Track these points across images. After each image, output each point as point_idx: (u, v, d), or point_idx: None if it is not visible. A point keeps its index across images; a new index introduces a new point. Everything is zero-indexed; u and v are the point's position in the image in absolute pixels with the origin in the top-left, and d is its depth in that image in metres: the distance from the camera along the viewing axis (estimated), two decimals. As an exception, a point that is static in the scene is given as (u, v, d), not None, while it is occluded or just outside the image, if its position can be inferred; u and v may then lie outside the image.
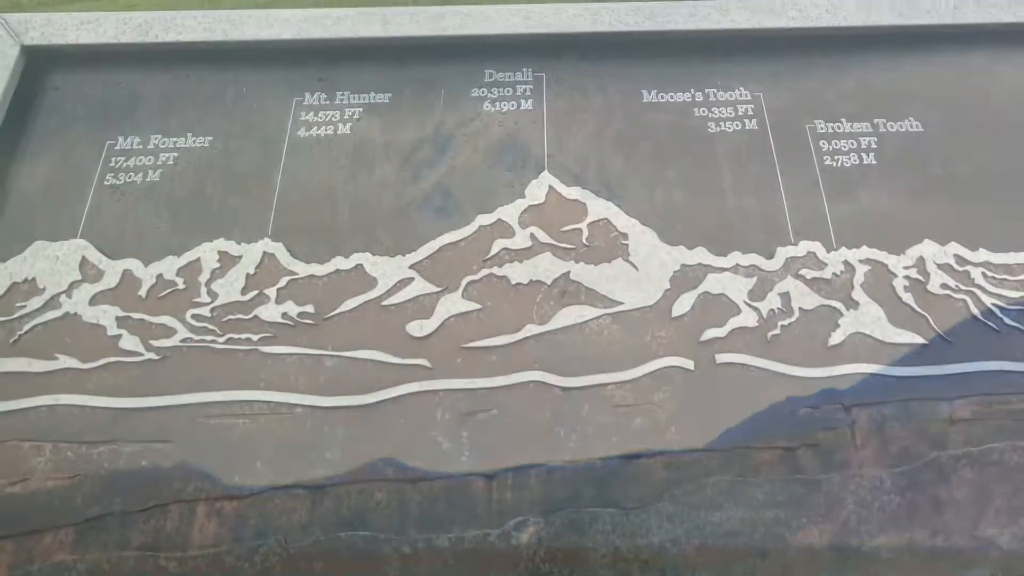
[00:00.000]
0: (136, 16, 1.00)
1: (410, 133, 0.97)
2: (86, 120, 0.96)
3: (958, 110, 1.03)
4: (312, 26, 1.01)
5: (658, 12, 1.06)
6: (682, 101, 1.02)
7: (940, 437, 0.81)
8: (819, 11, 1.09)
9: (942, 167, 0.98)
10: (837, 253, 0.91)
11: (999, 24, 1.09)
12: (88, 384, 0.79)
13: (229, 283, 0.85)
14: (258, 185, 0.92)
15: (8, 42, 0.97)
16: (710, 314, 0.87)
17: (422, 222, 0.91)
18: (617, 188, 0.95)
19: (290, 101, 0.99)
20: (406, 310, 0.85)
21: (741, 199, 0.94)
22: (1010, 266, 0.92)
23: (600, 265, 0.89)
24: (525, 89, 1.02)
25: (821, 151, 0.99)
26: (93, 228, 0.88)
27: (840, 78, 1.05)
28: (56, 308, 0.83)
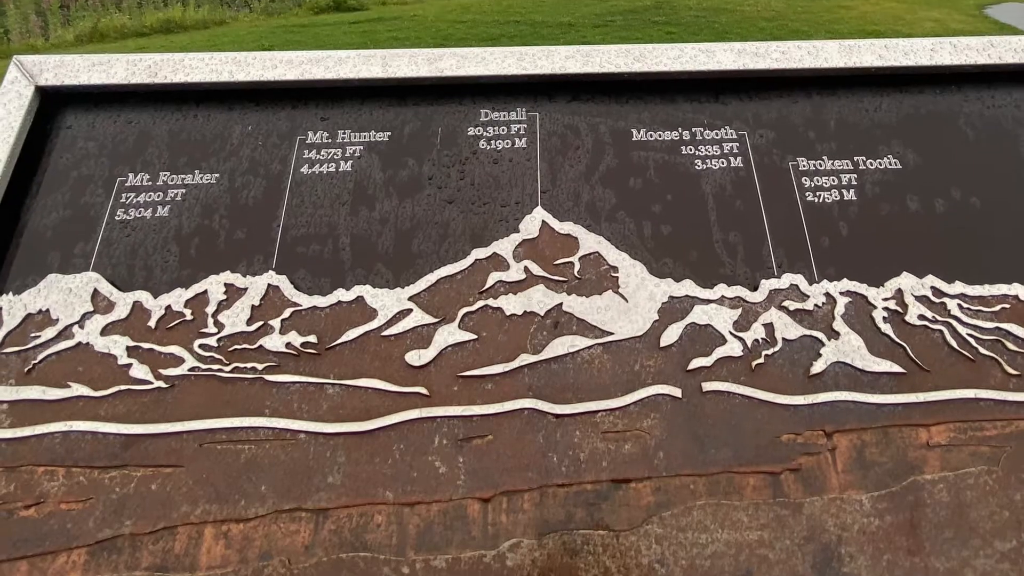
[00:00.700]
0: (145, 58, 1.13)
1: (409, 170, 1.09)
2: (98, 157, 1.07)
3: (935, 148, 1.16)
4: (315, 67, 1.14)
5: (646, 54, 1.19)
6: (670, 140, 1.14)
7: (918, 462, 0.91)
8: (802, 53, 1.22)
9: (919, 203, 1.11)
10: (819, 285, 1.03)
11: (974, 66, 1.23)
12: (100, 411, 0.88)
13: (235, 314, 0.96)
14: (263, 220, 1.03)
15: (23, 83, 1.09)
16: (697, 344, 0.98)
17: (420, 256, 1.02)
18: (608, 223, 1.06)
19: (294, 139, 1.11)
20: (405, 340, 0.96)
21: (727, 234, 1.06)
22: (985, 298, 1.04)
23: (591, 297, 1.01)
24: (519, 128, 1.14)
25: (803, 188, 1.11)
26: (104, 261, 0.99)
27: (822, 118, 1.19)
28: (69, 338, 0.93)
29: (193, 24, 9.79)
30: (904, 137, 1.17)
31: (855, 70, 1.21)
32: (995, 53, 1.24)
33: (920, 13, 10.52)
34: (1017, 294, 1.04)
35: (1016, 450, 0.92)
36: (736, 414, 0.93)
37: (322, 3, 10.52)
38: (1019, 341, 1.00)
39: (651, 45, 1.20)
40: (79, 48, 8.89)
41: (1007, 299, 1.03)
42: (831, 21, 9.56)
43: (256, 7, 11.21)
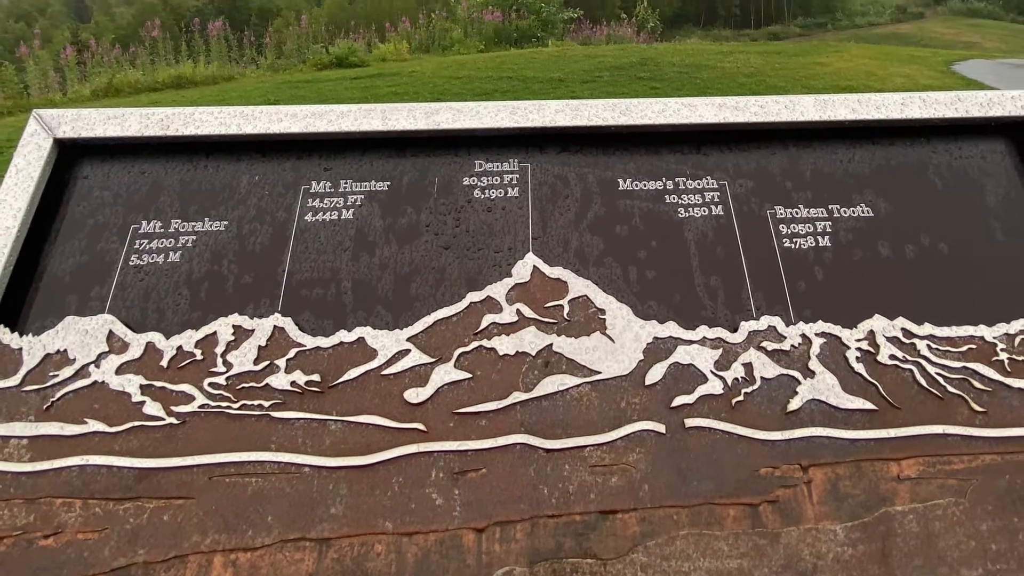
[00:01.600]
0: (158, 112, 1.30)
1: (407, 218, 1.26)
2: (113, 206, 1.24)
3: (905, 197, 1.34)
4: (318, 120, 1.32)
5: (632, 108, 1.38)
6: (654, 189, 1.32)
7: (889, 494, 1.05)
8: (779, 107, 1.41)
9: (891, 249, 1.27)
10: (795, 327, 1.19)
11: (942, 119, 1.42)
12: (115, 446, 1.02)
13: (243, 354, 1.10)
14: (269, 265, 1.19)
15: (42, 136, 1.26)
16: (680, 382, 1.13)
17: (418, 299, 1.17)
18: (596, 268, 1.23)
19: (298, 189, 1.28)
20: (404, 379, 1.10)
21: (708, 278, 1.22)
22: (952, 339, 1.19)
23: (580, 338, 1.16)
24: (512, 178, 1.31)
25: (781, 234, 1.28)
26: (119, 304, 1.14)
27: (798, 168, 1.36)
28: (86, 377, 1.07)
29: (203, 80, 10.82)
30: (876, 187, 1.35)
31: (830, 123, 1.40)
32: (962, 107, 1.43)
33: (891, 69, 11.70)
34: (983, 335, 1.19)
35: (982, 483, 1.07)
36: (717, 449, 1.07)
37: (325, 60, 11.75)
38: (985, 380, 1.15)
39: (636, 100, 1.39)
40: (95, 102, 9.72)
41: (973, 340, 1.19)
42: (807, 77, 10.60)
43: (262, 64, 12.63)
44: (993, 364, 1.17)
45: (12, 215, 1.17)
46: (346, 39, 13.75)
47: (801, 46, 15.16)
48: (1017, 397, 1.14)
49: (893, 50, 15.70)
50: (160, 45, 11.75)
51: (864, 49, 14.60)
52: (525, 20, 16.24)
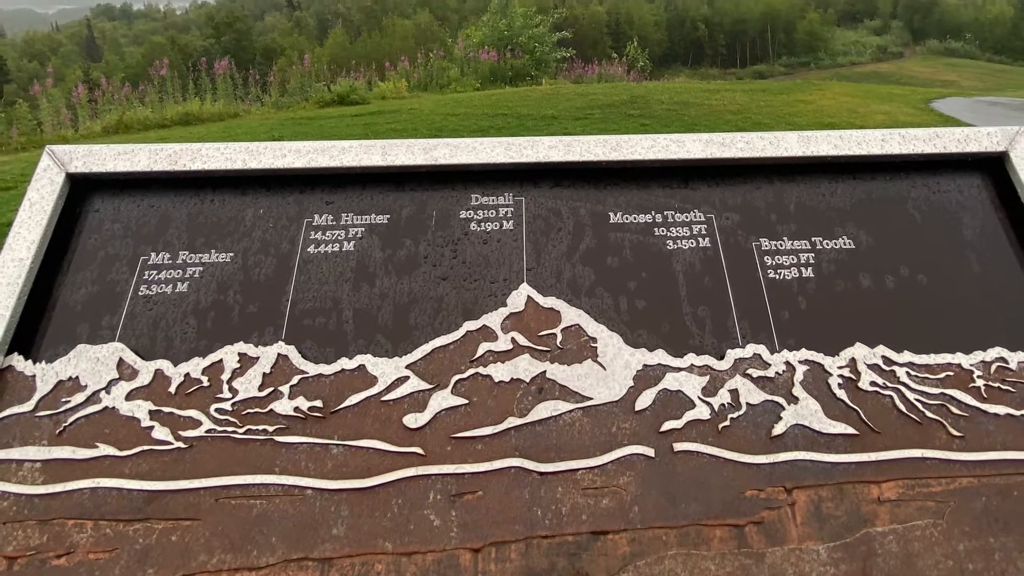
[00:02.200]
0: (166, 147, 1.40)
1: (406, 250, 1.35)
2: (123, 238, 1.33)
3: (885, 230, 1.44)
4: (320, 156, 1.42)
5: (622, 144, 1.49)
6: (644, 222, 1.42)
7: (870, 515, 1.14)
8: (764, 143, 1.52)
9: (871, 279, 1.38)
10: (779, 355, 1.28)
11: (920, 154, 1.53)
12: (125, 469, 1.10)
13: (248, 381, 1.19)
14: (273, 295, 1.28)
15: (55, 171, 1.36)
16: (668, 408, 1.21)
17: (417, 328, 1.27)
18: (587, 298, 1.32)
19: (301, 222, 1.37)
20: (403, 405, 1.19)
21: (696, 308, 1.32)
22: (930, 366, 1.29)
23: (572, 365, 1.25)
24: (507, 211, 1.42)
25: (766, 266, 1.38)
26: (129, 333, 1.22)
27: (782, 202, 1.47)
28: (96, 403, 1.16)
29: (210, 117, 11.59)
30: (857, 219, 1.45)
31: (813, 159, 1.51)
32: (940, 143, 1.54)
33: (872, 106, 12.53)
34: (960, 363, 1.29)
35: (959, 505, 1.15)
36: (704, 472, 1.16)
37: (327, 98, 12.59)
38: (962, 405, 1.25)
39: (626, 136, 1.50)
40: (106, 138, 10.30)
41: (951, 367, 1.29)
42: (791, 114, 11.32)
43: (267, 101, 13.50)
44: (970, 391, 1.26)
45: (26, 247, 1.26)
46: (347, 78, 14.78)
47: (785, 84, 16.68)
48: (993, 422, 1.23)
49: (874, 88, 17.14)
50: (168, 83, 12.56)
51: (846, 87, 16.01)
52: (519, 59, 17.55)
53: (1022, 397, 1.26)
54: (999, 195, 1.50)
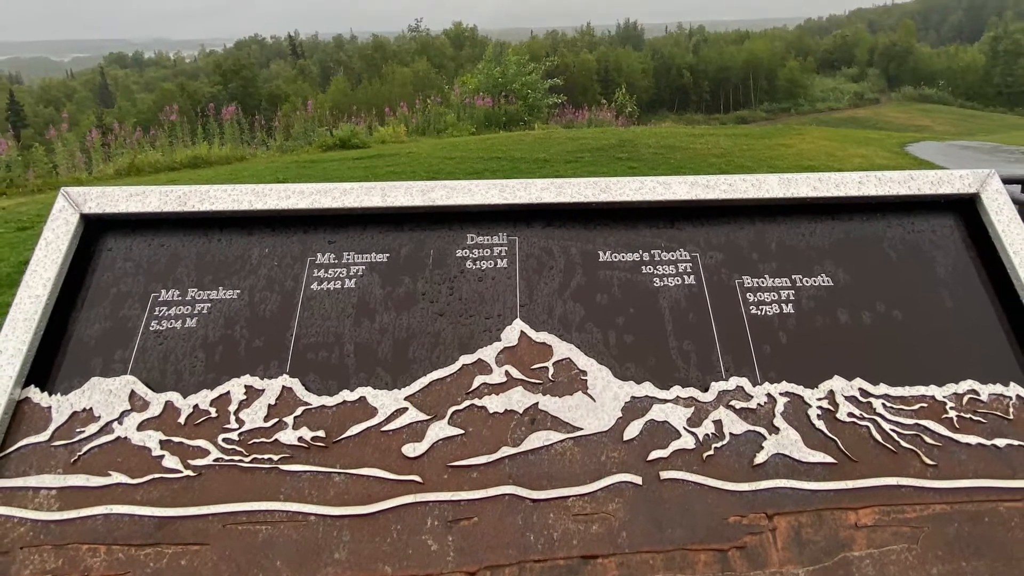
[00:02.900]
0: (176, 189, 1.53)
1: (405, 287, 1.47)
2: (135, 276, 1.44)
3: (862, 268, 1.57)
4: (323, 197, 1.55)
5: (611, 186, 1.62)
6: (632, 260, 1.54)
7: (847, 540, 1.24)
8: (746, 185, 1.65)
9: (849, 315, 1.50)
10: (761, 387, 1.39)
11: (896, 196, 1.66)
12: (136, 496, 1.19)
13: (254, 412, 1.29)
14: (278, 330, 1.39)
15: (70, 211, 1.48)
16: (655, 438, 1.32)
17: (415, 361, 1.38)
18: (578, 333, 1.44)
19: (305, 260, 1.49)
20: (402, 435, 1.29)
21: (681, 342, 1.44)
22: (905, 398, 1.40)
23: (564, 397, 1.36)
24: (501, 250, 1.54)
25: (748, 302, 1.50)
26: (140, 366, 1.33)
27: (764, 241, 1.60)
28: (109, 433, 1.26)
29: (218, 160, 12.65)
30: (836, 258, 1.58)
31: (793, 200, 1.64)
32: (914, 185, 1.68)
33: (850, 150, 13.57)
34: (934, 395, 1.40)
35: (933, 530, 1.25)
36: (689, 499, 1.26)
37: (329, 142, 13.70)
38: (935, 435, 1.36)
39: (615, 178, 1.63)
40: (118, 181, 11.28)
41: (925, 399, 1.40)
42: (772, 157, 12.26)
43: (272, 145, 14.71)
44: (943, 421, 1.37)
45: (42, 284, 1.37)
46: (349, 123, 15.84)
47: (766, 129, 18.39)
48: (965, 451, 1.34)
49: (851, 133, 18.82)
50: (178, 128, 13.69)
51: (824, 132, 17.58)
52: (513, 105, 19.05)
53: (993, 428, 1.37)
54: (971, 235, 1.63)
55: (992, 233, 1.60)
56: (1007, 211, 1.63)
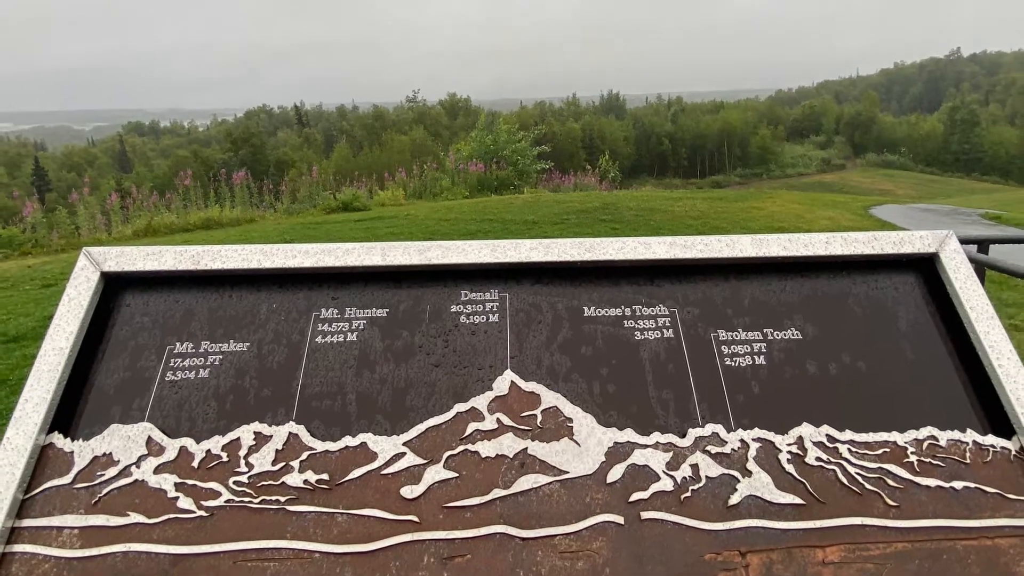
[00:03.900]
0: (190, 249, 1.70)
1: (403, 340, 1.63)
2: (151, 330, 1.60)
3: (829, 322, 1.74)
4: (327, 256, 1.72)
5: (596, 246, 1.80)
6: (615, 315, 1.71)
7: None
8: (721, 245, 1.84)
9: (817, 367, 1.66)
10: (735, 433, 1.54)
11: (861, 255, 1.85)
12: (153, 535, 1.32)
13: (262, 457, 1.43)
14: (285, 380, 1.54)
15: (91, 269, 1.64)
16: (636, 480, 1.46)
17: (412, 409, 1.52)
18: (564, 383, 1.59)
19: (310, 315, 1.65)
20: (400, 478, 1.43)
21: (660, 392, 1.59)
22: (869, 443, 1.55)
23: (551, 443, 1.50)
24: (492, 306, 1.71)
25: (723, 354, 1.67)
26: (157, 414, 1.47)
27: (738, 297, 1.77)
28: (128, 476, 1.39)
29: (228, 222, 13.89)
30: (804, 313, 1.75)
31: (764, 259, 1.82)
32: (878, 245, 1.87)
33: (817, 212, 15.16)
34: (896, 440, 1.56)
35: (895, 567, 1.39)
36: (668, 537, 1.40)
37: (332, 205, 15.03)
38: (897, 478, 1.51)
39: (599, 239, 1.81)
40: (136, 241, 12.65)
41: (887, 444, 1.55)
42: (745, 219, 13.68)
43: (279, 208, 16.22)
44: (904, 465, 1.52)
45: (65, 338, 1.53)
46: (351, 187, 17.67)
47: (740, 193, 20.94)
48: (925, 493, 1.49)
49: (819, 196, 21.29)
50: (192, 192, 15.14)
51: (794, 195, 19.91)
52: (504, 171, 20.96)
53: (951, 471, 1.52)
54: (930, 292, 1.81)
55: (950, 290, 1.78)
56: (964, 269, 1.81)
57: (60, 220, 13.66)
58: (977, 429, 1.58)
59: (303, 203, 16.81)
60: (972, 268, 1.84)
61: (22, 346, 6.39)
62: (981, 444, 1.56)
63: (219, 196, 15.74)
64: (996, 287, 9.59)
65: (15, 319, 7.21)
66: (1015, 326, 7.84)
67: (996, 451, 1.55)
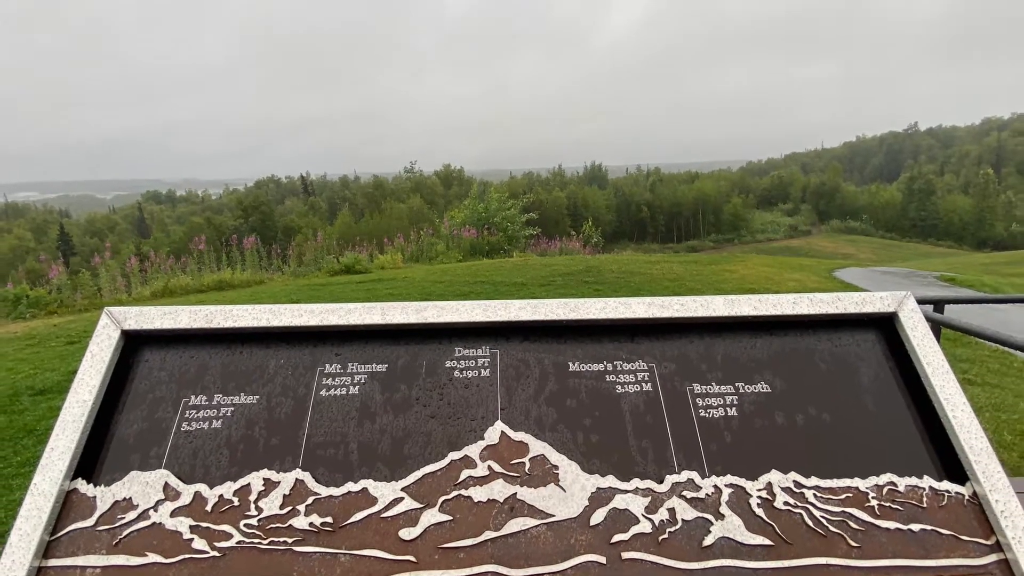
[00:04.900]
0: (204, 309, 1.86)
1: (401, 393, 1.79)
2: (168, 384, 1.75)
3: (796, 377, 1.91)
4: (331, 315, 1.88)
5: (580, 306, 1.98)
6: (597, 370, 1.88)
7: (783, 612, 1.51)
8: (696, 305, 2.02)
9: (785, 418, 1.82)
10: (709, 479, 1.70)
11: (825, 315, 2.03)
12: (169, 574, 1.45)
13: (271, 501, 1.57)
14: (291, 430, 1.69)
15: (112, 328, 1.80)
16: (617, 523, 1.61)
17: (410, 457, 1.67)
18: (551, 433, 1.75)
19: (315, 370, 1.81)
20: (399, 521, 1.57)
21: (640, 441, 1.75)
22: (833, 489, 1.71)
23: (538, 488, 1.65)
24: (484, 361, 1.87)
25: (698, 406, 1.83)
26: (173, 461, 1.62)
27: (711, 353, 1.95)
28: (146, 519, 1.53)
29: (240, 283, 15.19)
30: (773, 368, 1.93)
31: (736, 318, 2.00)
32: (841, 305, 2.06)
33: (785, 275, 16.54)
34: (858, 486, 1.71)
35: (857, 603, 1.53)
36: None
37: (336, 268, 16.38)
38: (859, 521, 1.65)
39: (583, 299, 1.99)
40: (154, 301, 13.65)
41: (850, 489, 1.71)
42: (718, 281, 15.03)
43: (287, 271, 17.59)
44: (865, 509, 1.67)
45: (88, 391, 1.68)
46: (353, 251, 19.14)
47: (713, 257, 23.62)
48: (884, 535, 1.63)
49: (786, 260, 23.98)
50: (205, 256, 16.62)
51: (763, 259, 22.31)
52: (495, 236, 23.08)
53: (909, 514, 1.67)
54: (890, 348, 1.99)
55: (908, 347, 1.96)
56: (921, 328, 2.00)
57: (83, 282, 14.84)
58: (933, 476, 1.73)
59: (309, 266, 18.09)
60: (928, 326, 2.02)
61: (48, 398, 6.97)
62: (937, 489, 1.71)
63: (231, 260, 17.07)
64: (951, 344, 10.50)
65: (42, 373, 7.84)
66: (968, 380, 8.40)
67: (951, 496, 1.70)
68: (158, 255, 16.85)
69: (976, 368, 9.28)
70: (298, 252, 19.40)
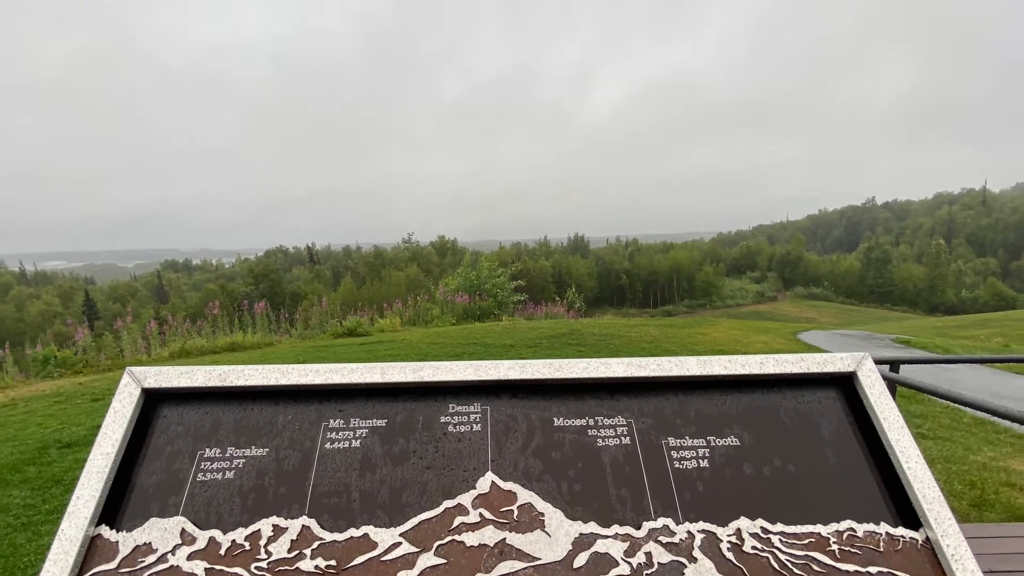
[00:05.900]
0: (217, 368, 2.04)
1: (400, 446, 1.96)
2: (184, 438, 1.92)
3: (763, 431, 2.09)
4: (334, 374, 2.06)
5: (564, 366, 2.16)
6: (580, 425, 2.05)
7: (751, 647, 1.66)
8: (671, 365, 2.21)
9: (753, 469, 2.00)
10: (683, 526, 1.86)
11: (790, 374, 2.23)
12: (186, 612, 1.59)
13: (279, 546, 1.72)
14: (298, 481, 1.85)
15: (133, 386, 1.97)
16: (599, 566, 1.76)
17: (408, 505, 1.83)
18: (537, 482, 1.91)
19: (320, 425, 1.98)
20: (397, 564, 1.72)
21: (619, 490, 1.92)
22: (797, 534, 1.87)
23: (526, 533, 1.81)
24: (476, 416, 2.04)
25: (672, 458, 2.00)
26: (189, 509, 1.77)
27: (685, 410, 2.13)
28: (164, 563, 1.67)
29: (251, 345, 16.43)
30: (742, 423, 2.11)
31: (708, 377, 2.19)
32: (804, 365, 2.25)
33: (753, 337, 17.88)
34: (820, 531, 1.88)
35: (819, 639, 1.68)
36: (626, 614, 1.68)
37: (339, 331, 17.65)
38: (822, 564, 1.81)
39: (567, 360, 2.18)
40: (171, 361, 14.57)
41: (813, 535, 1.87)
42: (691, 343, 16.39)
43: (294, 333, 18.97)
44: (827, 553, 1.83)
45: (111, 444, 1.84)
46: (355, 316, 20.34)
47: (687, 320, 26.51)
48: (844, 577, 1.80)
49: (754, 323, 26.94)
50: (219, 320, 17.86)
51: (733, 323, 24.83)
52: (485, 302, 25.62)
53: (867, 558, 1.83)
54: (849, 405, 2.18)
55: (866, 403, 2.14)
56: (878, 386, 2.19)
57: (107, 344, 15.95)
58: (889, 522, 1.90)
59: (314, 329, 19.37)
60: (885, 385, 2.21)
61: (74, 451, 7.51)
62: (893, 535, 1.88)
63: (242, 323, 18.31)
64: (906, 401, 11.20)
65: (69, 428, 8.51)
66: (921, 434, 9.02)
67: (906, 541, 1.87)
68: (176, 319, 17.81)
69: (929, 423, 9.88)
70: (304, 316, 20.59)
